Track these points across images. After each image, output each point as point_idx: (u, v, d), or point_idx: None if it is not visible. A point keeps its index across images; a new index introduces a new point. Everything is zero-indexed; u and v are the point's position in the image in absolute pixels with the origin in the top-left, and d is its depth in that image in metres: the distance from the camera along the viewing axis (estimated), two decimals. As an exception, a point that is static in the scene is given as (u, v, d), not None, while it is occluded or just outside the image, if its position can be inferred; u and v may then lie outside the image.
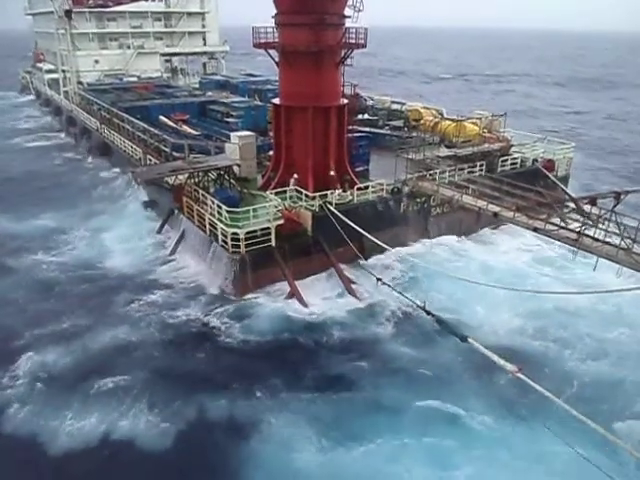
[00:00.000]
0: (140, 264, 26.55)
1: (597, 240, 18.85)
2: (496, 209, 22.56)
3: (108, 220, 31.36)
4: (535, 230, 20.74)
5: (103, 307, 23.15)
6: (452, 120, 36.30)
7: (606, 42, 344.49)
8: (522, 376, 16.21)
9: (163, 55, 67.63)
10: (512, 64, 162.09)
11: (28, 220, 31.97)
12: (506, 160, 31.52)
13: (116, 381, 18.51)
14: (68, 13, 53.15)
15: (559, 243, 20.85)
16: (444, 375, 19.18)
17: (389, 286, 21.75)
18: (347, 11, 25.54)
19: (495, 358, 16.67)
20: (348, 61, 26.25)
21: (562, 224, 20.23)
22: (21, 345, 20.47)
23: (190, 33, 67.93)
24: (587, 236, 19.10)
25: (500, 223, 27.15)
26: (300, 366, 19.84)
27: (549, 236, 20.41)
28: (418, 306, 19.12)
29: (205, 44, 69.79)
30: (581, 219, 19.68)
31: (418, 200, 27.59)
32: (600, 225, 18.89)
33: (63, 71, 57.27)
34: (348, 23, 25.60)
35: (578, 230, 19.28)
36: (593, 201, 20.59)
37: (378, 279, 21.83)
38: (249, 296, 23.13)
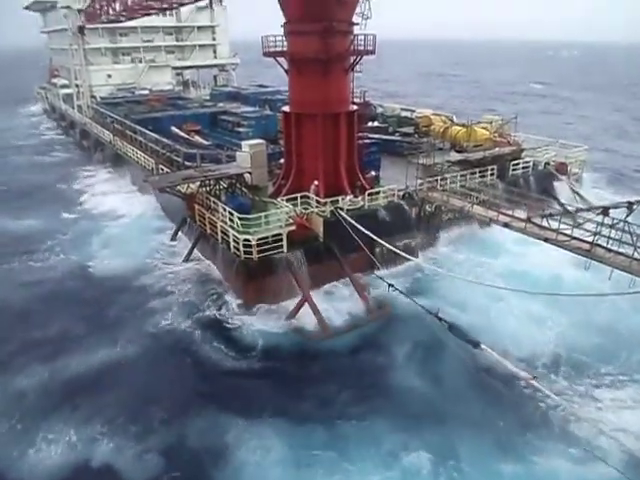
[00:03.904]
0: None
1: (610, 250, 18.55)
2: (507, 219, 22.34)
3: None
4: (546, 241, 20.42)
5: (98, 315, 23.40)
6: (462, 125, 36.25)
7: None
8: (536, 384, 15.91)
9: (175, 68, 68.65)
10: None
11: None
12: (518, 164, 31.36)
13: (98, 401, 18.10)
14: (81, 29, 54.15)
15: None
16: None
17: (400, 292, 21.66)
18: (355, 18, 25.77)
19: (508, 365, 16.44)
20: (357, 68, 26.39)
21: (574, 234, 19.91)
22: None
23: (201, 46, 68.89)
24: (600, 246, 18.79)
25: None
26: (296, 387, 19.17)
27: (561, 247, 20.01)
28: (429, 312, 18.99)
29: (216, 57, 70.67)
30: (593, 229, 19.32)
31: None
32: (613, 235, 18.54)
33: (76, 86, 58.26)
34: (357, 31, 25.81)
35: (590, 241, 18.97)
36: (605, 211, 20.23)
37: (389, 285, 21.77)
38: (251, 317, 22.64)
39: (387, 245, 23.06)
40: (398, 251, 23.36)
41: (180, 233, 29.53)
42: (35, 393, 18.58)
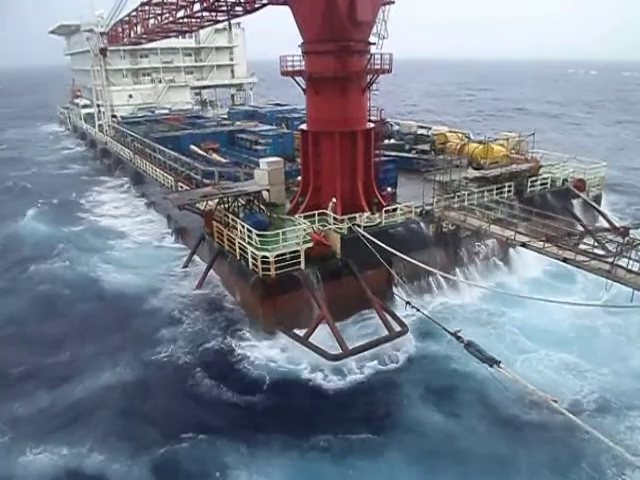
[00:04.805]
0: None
1: (631, 272, 18.18)
2: (524, 239, 22.05)
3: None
4: (565, 261, 20.07)
5: (104, 338, 23.37)
6: (479, 142, 36.23)
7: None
8: (557, 406, 15.34)
9: (193, 88, 70.04)
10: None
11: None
12: (535, 180, 31.16)
13: (93, 425, 17.94)
14: (103, 51, 55.73)
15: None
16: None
17: (417, 309, 21.36)
18: (372, 38, 26.15)
19: (529, 386, 15.91)
20: (374, 86, 26.66)
21: (594, 252, 19.45)
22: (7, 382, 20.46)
23: (219, 66, 70.30)
24: (620, 267, 18.41)
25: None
26: (305, 419, 18.50)
27: (580, 267, 19.63)
28: (447, 331, 18.63)
29: (233, 76, 71.94)
30: (613, 249, 18.94)
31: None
32: (634, 256, 18.20)
33: (98, 105, 59.68)
34: (373, 50, 26.15)
35: (611, 261, 18.59)
36: (626, 231, 19.87)
37: (407, 302, 21.52)
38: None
39: (407, 258, 22.80)
40: (418, 263, 23.10)
41: (195, 256, 29.77)
42: (30, 413, 18.57)
